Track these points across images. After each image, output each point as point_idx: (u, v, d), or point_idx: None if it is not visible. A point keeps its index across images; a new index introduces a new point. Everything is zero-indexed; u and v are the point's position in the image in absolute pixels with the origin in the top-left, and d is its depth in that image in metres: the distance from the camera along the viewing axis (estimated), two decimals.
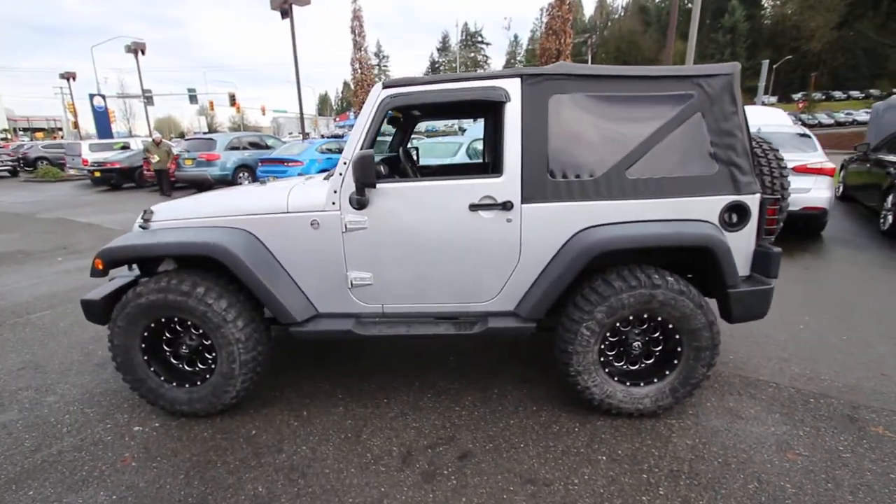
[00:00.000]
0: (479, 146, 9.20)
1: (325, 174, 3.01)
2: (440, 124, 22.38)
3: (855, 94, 53.25)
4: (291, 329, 2.50)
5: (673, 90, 2.32)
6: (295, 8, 18.82)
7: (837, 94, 54.90)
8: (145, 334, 2.52)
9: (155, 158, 12.73)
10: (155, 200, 11.85)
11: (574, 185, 2.34)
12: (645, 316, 2.38)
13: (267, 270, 2.44)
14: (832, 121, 41.58)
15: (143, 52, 27.58)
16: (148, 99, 32.96)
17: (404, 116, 3.61)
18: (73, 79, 34.12)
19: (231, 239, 2.41)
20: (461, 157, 8.43)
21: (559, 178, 2.34)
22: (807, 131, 6.44)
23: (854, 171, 8.22)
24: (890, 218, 6.27)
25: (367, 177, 2.24)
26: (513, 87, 2.32)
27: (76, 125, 37.82)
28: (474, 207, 2.38)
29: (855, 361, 3.14)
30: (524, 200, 2.36)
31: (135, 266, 2.87)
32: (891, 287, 4.58)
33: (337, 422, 2.53)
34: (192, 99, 38.61)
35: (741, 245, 2.40)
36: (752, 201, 2.36)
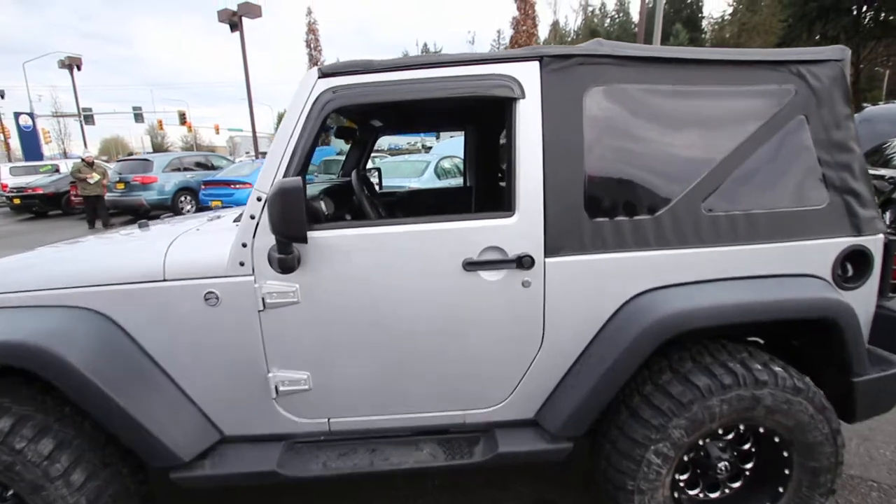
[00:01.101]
0: (448, 165, 8.42)
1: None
2: (403, 140, 21.40)
3: None
4: (174, 475, 1.51)
5: (765, 82, 1.55)
6: (246, 21, 17.74)
7: None
8: None
9: (94, 178, 10.93)
10: (83, 231, 10.34)
11: (625, 226, 1.51)
12: (740, 427, 1.55)
13: (126, 378, 1.45)
14: None
15: (78, 68, 25.54)
16: (87, 118, 30.62)
17: (361, 126, 2.72)
18: (2, 97, 31.30)
19: (60, 328, 1.41)
20: (429, 178, 7.59)
21: (602, 217, 1.51)
22: None
23: None
24: None
25: (291, 224, 1.32)
26: (528, 75, 1.48)
27: (7, 146, 34.69)
28: (472, 266, 1.50)
29: None
30: (549, 252, 1.50)
31: None
32: None
33: None
34: (138, 117, 36.24)
35: (859, 309, 1.63)
36: (875, 245, 1.60)
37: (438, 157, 8.41)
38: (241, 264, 1.49)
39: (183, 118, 34.84)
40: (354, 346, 1.55)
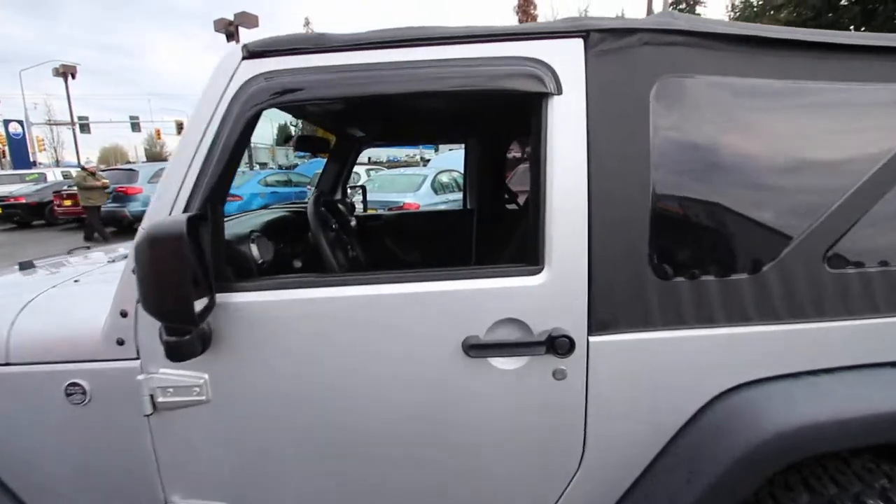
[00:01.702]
0: (446, 179, 7.94)
1: None
2: (401, 153, 20.81)
3: None
4: None
5: None
6: (243, 31, 17.45)
7: None
8: None
9: (104, 181, 10.27)
10: (76, 241, 9.80)
11: (711, 289, 1.00)
12: None
13: None
14: None
15: (73, 76, 25.24)
16: (83, 126, 30.34)
17: (338, 135, 2.21)
18: None
19: None
20: (426, 193, 7.10)
21: (677, 276, 0.99)
22: None
23: None
24: None
25: (166, 296, 0.78)
26: (567, 59, 0.97)
27: (3, 154, 34.34)
28: (478, 350, 0.97)
29: None
30: (595, 328, 0.99)
31: None
32: None
33: None
34: (134, 127, 36.03)
35: None
36: None
37: (436, 170, 7.94)
38: (120, 343, 0.96)
39: (180, 128, 34.58)
40: (296, 467, 1.02)
